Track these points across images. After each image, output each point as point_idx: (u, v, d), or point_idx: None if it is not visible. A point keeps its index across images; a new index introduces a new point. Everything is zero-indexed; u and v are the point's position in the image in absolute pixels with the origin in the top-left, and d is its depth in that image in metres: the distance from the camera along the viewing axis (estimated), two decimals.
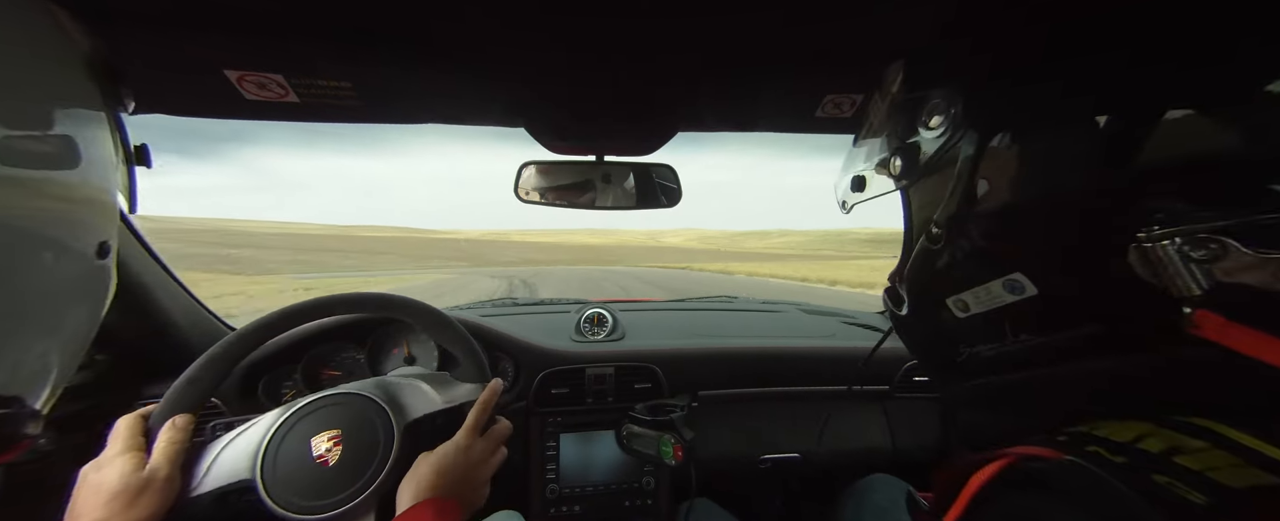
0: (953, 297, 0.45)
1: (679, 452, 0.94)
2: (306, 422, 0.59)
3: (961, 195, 0.41)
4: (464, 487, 0.60)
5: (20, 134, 0.37)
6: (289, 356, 0.93)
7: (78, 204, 0.44)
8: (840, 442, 1.20)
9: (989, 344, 0.44)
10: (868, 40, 0.62)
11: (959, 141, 0.40)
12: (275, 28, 0.57)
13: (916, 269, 0.48)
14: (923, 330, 0.54)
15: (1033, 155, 0.38)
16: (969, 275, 0.43)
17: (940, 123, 0.42)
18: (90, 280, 0.47)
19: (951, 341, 0.48)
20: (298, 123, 0.76)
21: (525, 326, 1.13)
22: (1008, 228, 0.40)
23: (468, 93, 0.75)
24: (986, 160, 0.39)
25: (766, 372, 1.17)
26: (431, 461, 0.59)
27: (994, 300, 0.41)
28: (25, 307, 0.39)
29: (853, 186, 0.55)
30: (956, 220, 0.42)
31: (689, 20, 0.57)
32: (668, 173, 0.94)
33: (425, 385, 0.66)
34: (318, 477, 0.56)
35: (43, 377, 0.42)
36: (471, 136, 48.14)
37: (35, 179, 0.39)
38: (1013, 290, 0.39)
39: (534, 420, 1.07)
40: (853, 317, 1.43)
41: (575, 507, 1.06)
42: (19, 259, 0.37)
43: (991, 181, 0.39)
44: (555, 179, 0.93)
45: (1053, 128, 0.37)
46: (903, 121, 0.47)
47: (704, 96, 0.77)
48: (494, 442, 0.65)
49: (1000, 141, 0.39)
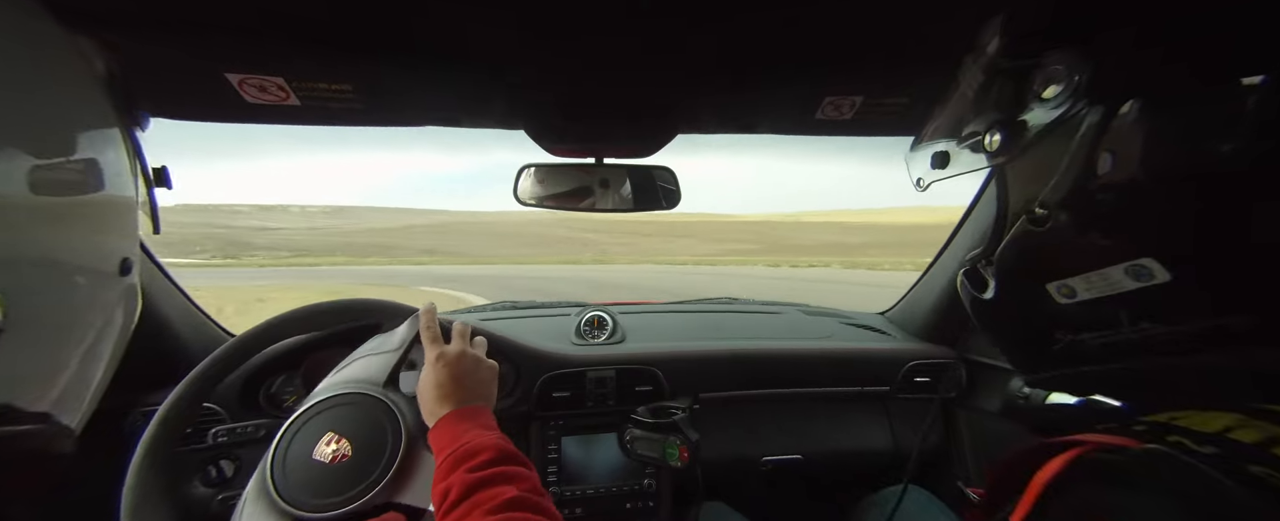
0: (1056, 283, 0.41)
1: (685, 454, 0.94)
2: (298, 443, 0.60)
3: (1079, 172, 0.37)
4: (465, 384, 0.61)
5: (45, 163, 0.38)
6: (289, 363, 0.93)
7: (100, 225, 0.45)
8: (842, 444, 1.20)
9: (1097, 332, 0.40)
10: (866, 42, 0.63)
11: (1082, 113, 0.36)
12: (276, 31, 0.57)
13: (1013, 252, 0.44)
14: (1011, 315, 0.49)
15: (1171, 127, 0.33)
16: (1080, 260, 0.39)
17: (1057, 92, 0.37)
18: (118, 299, 0.48)
19: (1047, 328, 0.44)
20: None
21: (526, 330, 1.13)
22: (1134, 209, 0.35)
23: (467, 95, 0.76)
24: (1112, 133, 0.35)
25: (767, 374, 1.17)
26: (423, 387, 0.61)
27: (1111, 287, 0.37)
28: (58, 329, 0.39)
29: (934, 163, 0.50)
30: (1069, 201, 0.38)
31: (688, 23, 0.57)
32: (667, 175, 0.94)
33: (368, 355, 0.69)
34: (341, 474, 0.57)
35: (78, 397, 0.43)
36: None
37: (61, 205, 0.40)
38: (1138, 276, 0.35)
39: (536, 423, 1.07)
40: (851, 318, 1.44)
41: (577, 510, 1.06)
42: (52, 284, 0.38)
43: (1118, 156, 0.35)
44: (555, 182, 0.93)
45: (1198, 93, 0.32)
46: (1003, 90, 0.42)
47: (703, 98, 0.78)
48: (460, 338, 0.67)
49: (1130, 111, 0.34)
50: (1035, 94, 0.38)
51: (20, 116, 0.36)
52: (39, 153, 0.37)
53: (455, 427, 0.55)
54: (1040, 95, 0.38)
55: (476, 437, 0.53)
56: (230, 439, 0.85)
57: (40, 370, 0.38)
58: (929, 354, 1.22)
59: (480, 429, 0.55)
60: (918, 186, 0.53)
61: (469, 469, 0.49)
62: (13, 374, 0.35)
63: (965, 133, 0.45)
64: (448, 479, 0.49)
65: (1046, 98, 0.38)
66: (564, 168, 0.92)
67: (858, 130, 0.82)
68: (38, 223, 0.36)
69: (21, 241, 0.35)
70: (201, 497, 0.83)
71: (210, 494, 0.84)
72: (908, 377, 1.20)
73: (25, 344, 0.35)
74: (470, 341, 0.68)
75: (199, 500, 0.83)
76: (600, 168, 0.91)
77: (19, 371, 0.36)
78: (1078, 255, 0.39)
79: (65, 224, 0.40)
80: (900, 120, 0.79)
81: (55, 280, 0.39)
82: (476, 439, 0.53)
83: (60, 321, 0.40)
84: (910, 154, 0.54)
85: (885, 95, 0.73)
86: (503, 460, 0.50)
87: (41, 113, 0.39)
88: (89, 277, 0.43)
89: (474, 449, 0.51)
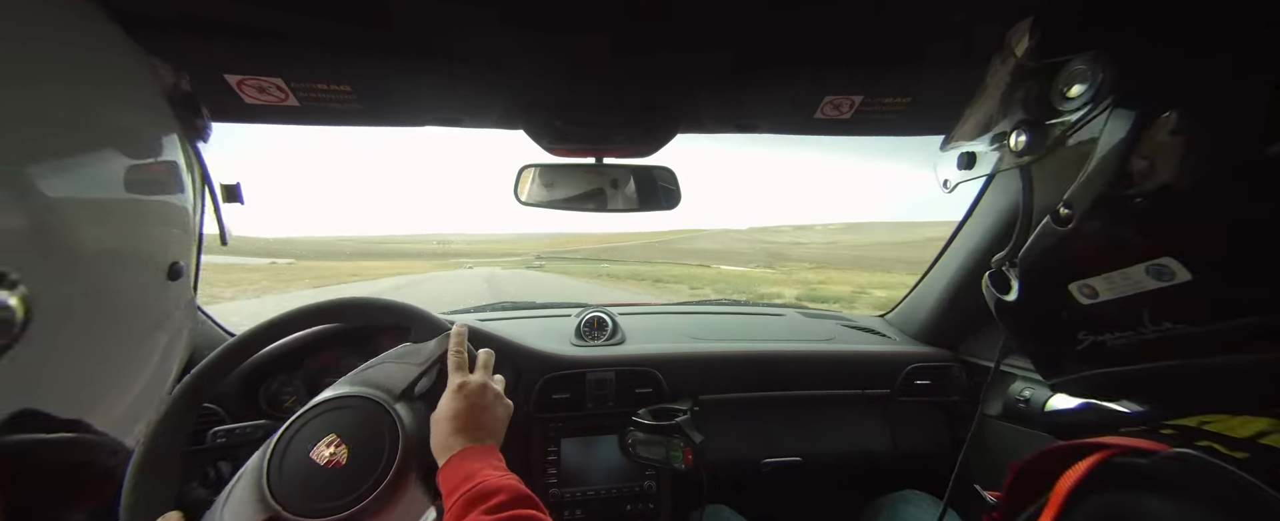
0: (1078, 283, 0.40)
1: (689, 456, 0.94)
2: (299, 440, 0.59)
3: (1101, 173, 0.36)
4: (483, 421, 0.60)
5: (97, 163, 0.39)
6: (289, 364, 0.92)
7: (149, 228, 0.46)
8: (842, 446, 1.19)
9: (1119, 332, 0.40)
10: (866, 42, 0.62)
11: (1104, 114, 0.36)
12: (276, 32, 0.57)
13: (1036, 252, 0.44)
14: (1036, 317, 0.49)
15: (1193, 129, 0.33)
16: (1102, 259, 0.38)
17: (1082, 92, 0.37)
18: (173, 308, 0.48)
19: (1070, 329, 0.43)
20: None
21: (525, 330, 1.12)
22: (1158, 209, 0.35)
23: (467, 95, 0.75)
24: (1135, 133, 0.35)
25: (768, 376, 1.17)
26: (439, 418, 0.60)
27: (1132, 286, 0.37)
28: (102, 324, 0.40)
29: (961, 164, 0.49)
30: (1093, 201, 0.38)
31: (688, 23, 0.57)
32: (668, 175, 0.94)
33: (391, 362, 0.69)
34: (335, 480, 0.57)
35: (140, 414, 0.44)
36: None
37: (107, 204, 0.41)
38: (1159, 276, 0.35)
39: (535, 425, 1.07)
40: (851, 321, 1.43)
41: (577, 512, 1.05)
42: (97, 282, 0.39)
43: (1141, 155, 0.35)
44: (555, 182, 0.93)
45: (1225, 97, 0.32)
46: (1029, 90, 0.42)
47: (703, 98, 0.77)
48: (484, 369, 0.67)
49: (1158, 115, 0.34)
50: (1060, 93, 0.39)
51: (71, 114, 0.37)
52: (89, 150, 0.38)
53: (468, 466, 0.54)
54: (1065, 95, 0.38)
55: (490, 479, 0.52)
56: (229, 440, 0.85)
57: (92, 374, 0.39)
58: (929, 356, 1.22)
59: (492, 470, 0.55)
60: (944, 187, 0.53)
61: (485, 510, 0.48)
62: (42, 377, 0.35)
63: (993, 133, 0.46)
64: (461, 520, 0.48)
65: (1071, 97, 0.38)
66: (569, 170, 0.91)
67: (858, 130, 0.82)
68: (81, 220, 0.37)
69: (60, 239, 0.36)
70: (200, 500, 0.83)
71: (209, 496, 0.83)
72: (908, 380, 1.19)
73: (67, 343, 0.36)
74: (489, 374, 0.67)
75: (197, 503, 0.83)
76: (605, 169, 0.91)
77: (55, 376, 0.36)
78: (1100, 255, 0.39)
79: (110, 223, 0.41)
80: (900, 120, 0.79)
81: (99, 277, 0.39)
82: (490, 480, 0.52)
83: (106, 315, 0.40)
84: (939, 155, 0.54)
85: (885, 95, 0.73)
86: (518, 503, 0.50)
87: (98, 113, 0.40)
88: (134, 278, 0.44)
89: (488, 490, 0.50)
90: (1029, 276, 0.46)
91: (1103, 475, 0.32)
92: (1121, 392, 0.47)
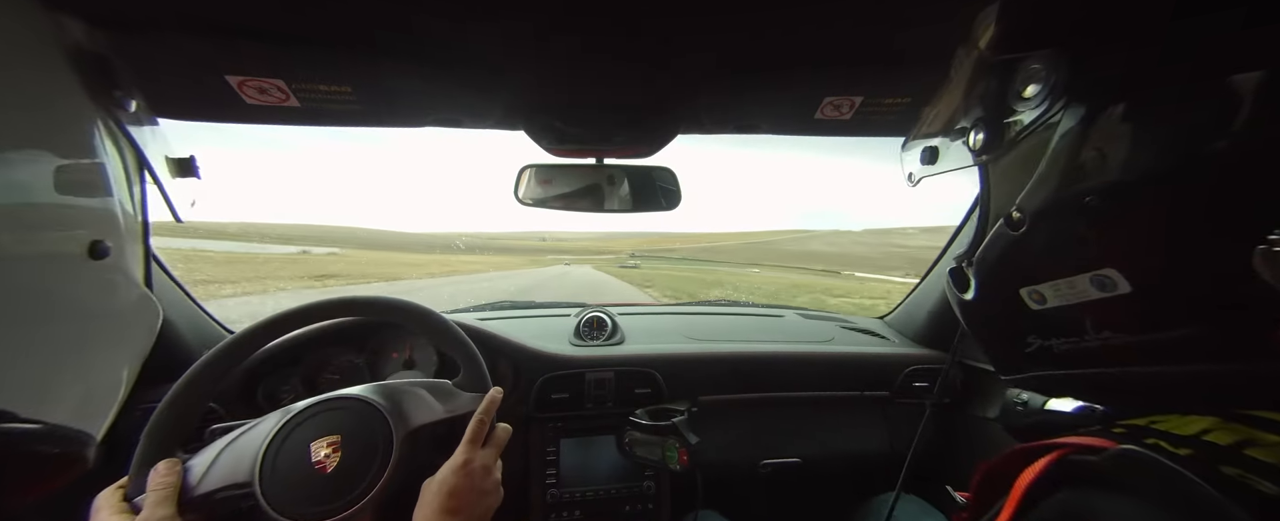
0: (1028, 289, 0.40)
1: (684, 457, 0.94)
2: (306, 427, 0.58)
3: (1051, 178, 0.36)
4: (475, 510, 0.58)
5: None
6: (288, 360, 0.93)
7: (58, 209, 0.43)
8: (840, 448, 1.19)
9: (1065, 339, 0.40)
10: (866, 43, 0.63)
11: (1057, 116, 0.35)
12: (276, 34, 0.57)
13: (990, 254, 0.44)
14: (989, 317, 0.49)
15: (1146, 138, 0.32)
16: (1051, 267, 0.38)
17: (1037, 92, 0.36)
18: (110, 296, 0.46)
19: (1021, 332, 0.44)
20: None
21: (524, 330, 1.13)
22: (1104, 219, 0.35)
23: (467, 96, 0.76)
24: (1088, 141, 0.34)
25: (766, 377, 1.17)
26: (437, 487, 0.58)
27: (1077, 295, 0.37)
28: (27, 318, 0.38)
29: (924, 158, 0.49)
30: (1043, 206, 0.37)
31: (689, 23, 0.57)
32: (667, 175, 0.94)
33: (426, 393, 0.65)
34: (316, 483, 0.55)
35: (103, 402, 0.42)
36: None
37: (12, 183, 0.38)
38: (1101, 287, 0.35)
39: (534, 425, 1.07)
40: (851, 322, 1.43)
41: (576, 512, 1.05)
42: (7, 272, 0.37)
43: (1090, 165, 0.34)
44: (556, 182, 0.93)
45: (1175, 103, 0.31)
46: (990, 87, 0.41)
47: (703, 99, 0.77)
48: (496, 449, 0.64)
49: (1108, 118, 0.33)
50: (1016, 92, 0.38)
51: None
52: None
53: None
54: (1021, 94, 0.37)
55: None
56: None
57: (28, 365, 0.37)
58: (927, 359, 1.22)
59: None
60: (909, 181, 0.53)
61: None
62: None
63: (955, 128, 0.45)
64: None
65: (1026, 97, 0.37)
66: (567, 169, 0.92)
67: (858, 130, 0.82)
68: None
69: None
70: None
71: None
72: (907, 382, 1.19)
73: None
74: (499, 453, 0.65)
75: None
76: (603, 168, 0.91)
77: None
78: (1049, 262, 0.39)
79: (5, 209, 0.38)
80: (900, 120, 0.79)
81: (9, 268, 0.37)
82: None
83: (29, 309, 0.38)
84: (904, 149, 0.53)
85: (885, 95, 0.73)
86: None
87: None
88: (52, 262, 0.41)
89: None
90: (983, 278, 0.46)
91: (1056, 473, 0.33)
92: (1069, 393, 0.48)
